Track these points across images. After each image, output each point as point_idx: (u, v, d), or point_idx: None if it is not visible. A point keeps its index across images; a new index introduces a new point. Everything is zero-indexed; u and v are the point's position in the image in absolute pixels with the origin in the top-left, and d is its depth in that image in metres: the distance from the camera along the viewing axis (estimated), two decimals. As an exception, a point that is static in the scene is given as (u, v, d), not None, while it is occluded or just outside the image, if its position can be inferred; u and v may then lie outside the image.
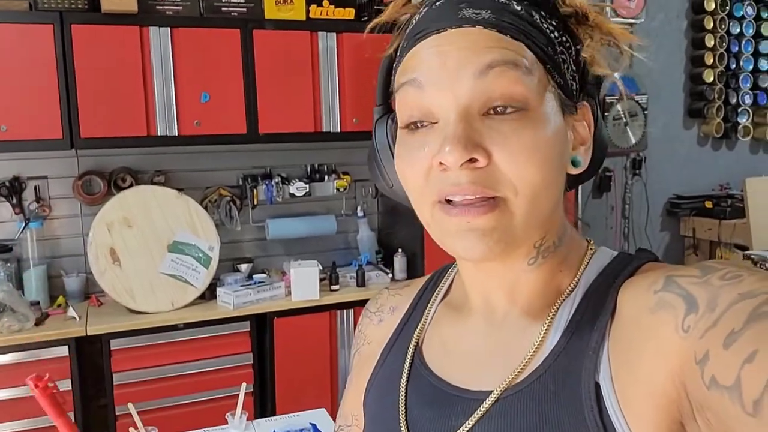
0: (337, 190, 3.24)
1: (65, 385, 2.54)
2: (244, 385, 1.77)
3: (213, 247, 2.85)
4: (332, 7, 3.03)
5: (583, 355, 0.55)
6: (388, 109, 0.66)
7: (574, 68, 0.59)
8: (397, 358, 0.70)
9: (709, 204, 4.01)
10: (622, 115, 3.90)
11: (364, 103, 3.07)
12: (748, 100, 4.22)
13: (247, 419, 1.73)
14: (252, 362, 2.83)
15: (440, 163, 0.53)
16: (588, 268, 0.61)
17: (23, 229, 2.85)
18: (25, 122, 2.61)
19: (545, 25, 0.57)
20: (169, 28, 2.76)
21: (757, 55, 4.22)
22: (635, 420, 0.50)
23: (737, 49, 4.17)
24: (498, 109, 0.53)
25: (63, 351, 2.55)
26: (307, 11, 2.97)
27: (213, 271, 2.84)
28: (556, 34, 0.57)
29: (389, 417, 0.66)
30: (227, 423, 1.72)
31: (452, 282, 0.73)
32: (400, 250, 3.17)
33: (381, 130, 0.66)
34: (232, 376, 2.77)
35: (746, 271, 0.48)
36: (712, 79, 4.14)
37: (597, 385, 0.53)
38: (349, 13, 3.05)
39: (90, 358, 2.72)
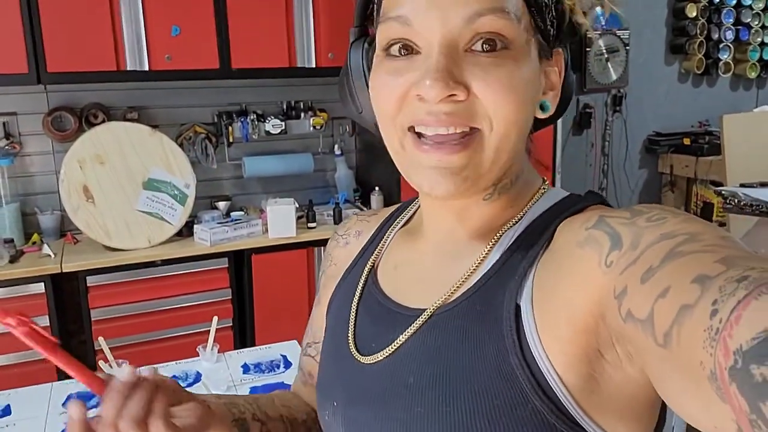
0: (314, 127, 3.21)
1: (43, 321, 2.56)
2: (215, 318, 1.80)
3: (189, 185, 2.83)
4: (306, -65, 2.92)
5: (510, 279, 0.58)
6: (365, 32, 0.65)
7: (554, 13, 0.59)
8: (354, 278, 0.74)
9: (687, 141, 4.03)
10: (604, 51, 3.86)
11: (340, 38, 3.01)
12: (730, 35, 4.19)
13: (220, 351, 1.76)
14: (230, 298, 2.86)
15: (418, 94, 0.54)
16: (535, 205, 0.63)
17: (-7, 166, 2.80)
18: (-10, 56, 2.54)
19: None
20: (135, -43, 2.66)
21: (741, -11, 4.16)
22: (550, 342, 0.53)
23: (721, -18, 4.10)
24: (484, 46, 0.53)
25: (39, 288, 2.55)
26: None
27: (189, 208, 2.83)
28: None
29: (341, 330, 0.71)
30: (199, 356, 1.75)
31: (416, 211, 0.76)
32: (377, 188, 3.17)
33: (356, 53, 0.65)
34: (209, 312, 2.77)
35: (671, 213, 0.50)
36: (695, 14, 4.08)
37: (518, 307, 0.55)
38: (323, -57, 2.95)
39: (67, 294, 2.73)
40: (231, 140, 3.10)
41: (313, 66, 3.00)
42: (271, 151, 3.27)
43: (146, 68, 2.74)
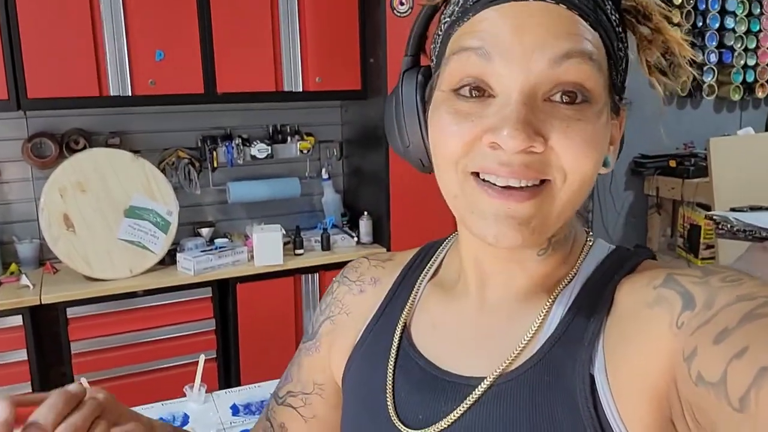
0: (301, 151, 3.16)
1: (20, 355, 2.46)
2: (202, 357, 1.73)
3: (171, 212, 2.76)
4: (292, -40, 2.89)
5: (578, 346, 0.54)
6: (417, 62, 0.62)
7: (624, 67, 0.57)
8: (383, 338, 0.68)
9: (673, 163, 4.03)
10: (589, 74, 3.86)
11: (327, 62, 2.97)
12: (713, 58, 4.22)
13: (207, 391, 1.69)
14: (214, 329, 2.79)
15: (493, 142, 0.50)
16: (586, 261, 0.60)
17: (-30, 194, 2.71)
18: (-33, 82, 2.46)
19: (613, 17, 0.54)
20: (118, -19, 2.60)
21: (723, 13, 4.20)
22: (628, 413, 0.50)
23: (704, 6, 4.14)
24: (564, 98, 0.50)
25: (17, 321, 2.46)
26: (266, -35, 2.84)
27: (172, 236, 2.76)
28: (620, 29, 0.55)
29: (376, 399, 0.65)
30: (186, 395, 1.68)
31: (442, 261, 0.71)
32: (365, 212, 3.12)
33: (409, 84, 0.60)
34: (193, 343, 2.73)
35: (747, 275, 0.48)
36: (684, 78, 4.11)
37: (591, 377, 0.52)
38: (310, -33, 2.92)
39: (46, 327, 2.63)
40: (215, 165, 3.04)
41: (300, 90, 2.96)
42: (256, 176, 3.21)
43: (129, 93, 2.67)
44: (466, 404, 0.57)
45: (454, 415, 0.58)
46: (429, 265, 0.71)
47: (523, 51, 0.49)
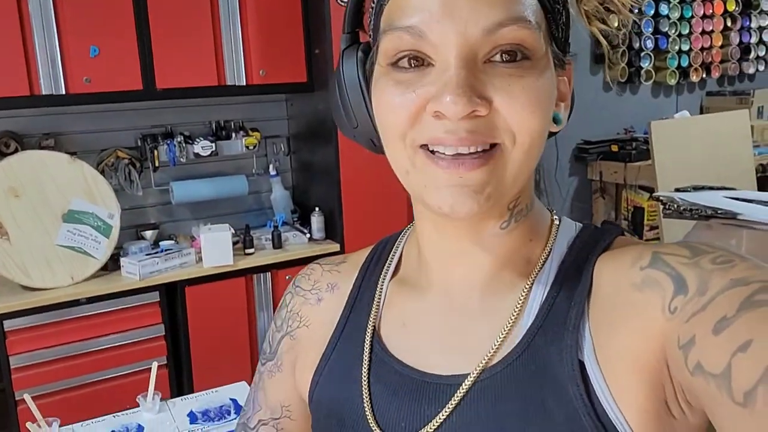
0: (247, 147, 3.07)
1: (-46, 373, 2.31)
2: (155, 364, 1.65)
3: (113, 215, 2.64)
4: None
5: (562, 332, 0.53)
6: (356, 38, 0.59)
7: (564, 19, 0.55)
8: (351, 346, 0.64)
9: (615, 148, 4.11)
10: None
11: (271, 53, 2.89)
12: (650, 44, 4.32)
13: (161, 398, 1.62)
14: (164, 334, 2.68)
15: (436, 111, 0.49)
16: (558, 240, 0.59)
17: None
18: None
19: None
20: (45, -27, 2.46)
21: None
22: (622, 396, 0.49)
23: (639, -7, 4.23)
24: (504, 56, 0.49)
25: (-52, 337, 2.31)
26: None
27: (115, 240, 2.64)
28: None
29: (352, 411, 0.61)
30: (139, 406, 1.60)
31: (401, 256, 0.68)
32: (317, 208, 3.06)
33: (349, 62, 0.58)
34: (142, 350, 2.62)
35: (737, 256, 0.47)
36: (616, 24, 4.19)
37: (581, 364, 0.51)
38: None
39: (-18, 342, 2.48)
40: (157, 164, 2.92)
41: (244, 84, 2.87)
42: (201, 174, 3.11)
43: (63, 92, 2.54)
44: (451, 405, 0.55)
45: (439, 418, 0.55)
46: (388, 262, 0.68)
47: (455, 24, 0.48)
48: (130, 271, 2.63)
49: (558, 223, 0.61)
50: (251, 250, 2.89)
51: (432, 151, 0.51)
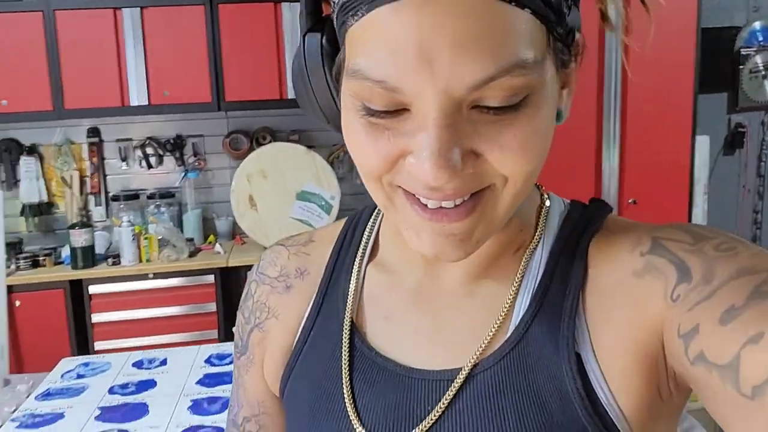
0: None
1: (211, 307, 3.07)
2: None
3: (334, 197, 3.23)
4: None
5: (557, 323, 0.50)
6: (319, 18, 0.49)
7: (567, 13, 0.45)
8: (326, 338, 0.59)
9: None
10: (761, 68, 3.69)
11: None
12: None
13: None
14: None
15: (416, 174, 0.42)
16: (548, 224, 0.55)
17: (183, 178, 3.42)
18: (183, 88, 3.14)
19: None
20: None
21: None
22: (619, 388, 0.47)
23: None
24: (492, 103, 0.41)
25: (210, 278, 3.08)
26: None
27: (334, 217, 3.23)
28: None
29: (332, 410, 0.55)
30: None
31: (377, 234, 0.62)
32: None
33: (312, 48, 0.49)
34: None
35: (739, 242, 0.45)
36: None
37: (578, 356, 0.48)
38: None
39: (233, 285, 3.23)
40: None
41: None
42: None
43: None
44: (444, 402, 0.51)
45: (432, 417, 0.51)
46: (363, 243, 0.61)
47: (434, 80, 0.39)
48: (343, 243, 3.19)
49: (548, 204, 0.56)
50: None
51: (414, 194, 0.45)
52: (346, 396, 0.55)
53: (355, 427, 0.53)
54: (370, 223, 0.62)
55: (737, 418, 0.39)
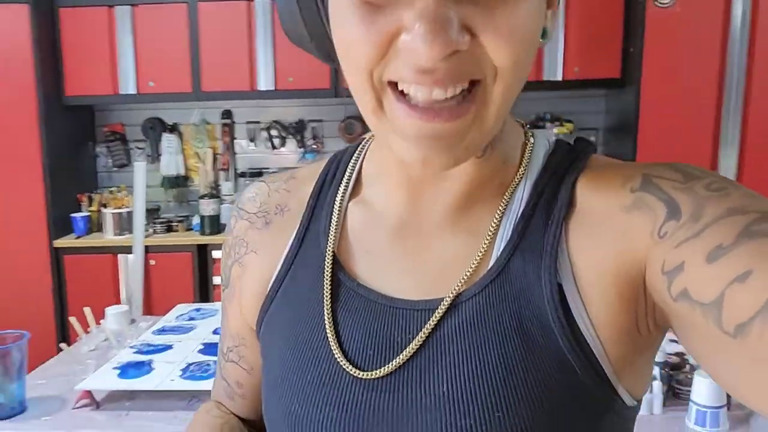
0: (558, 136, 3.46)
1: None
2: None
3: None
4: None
5: (539, 253, 0.50)
6: None
7: None
8: (307, 273, 0.58)
9: None
10: None
11: (588, 50, 3.24)
12: None
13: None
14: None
15: (409, 49, 0.41)
16: (532, 160, 0.55)
17: (302, 159, 3.69)
18: (306, 76, 3.37)
19: None
20: None
21: None
22: (599, 318, 0.48)
23: None
24: None
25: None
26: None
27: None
28: None
29: (312, 342, 0.55)
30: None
31: (359, 171, 0.62)
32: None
33: None
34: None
35: (729, 182, 0.45)
36: None
37: (559, 286, 0.49)
38: (577, -32, 3.22)
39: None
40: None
41: (560, 79, 3.28)
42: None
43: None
44: (426, 332, 0.51)
45: (414, 346, 0.51)
46: (345, 179, 0.61)
47: None
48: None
49: (532, 141, 0.56)
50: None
51: (402, 92, 0.44)
52: (327, 325, 0.55)
53: (335, 354, 0.53)
54: (352, 161, 0.62)
55: (718, 356, 0.40)
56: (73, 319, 1.95)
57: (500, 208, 0.53)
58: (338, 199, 0.60)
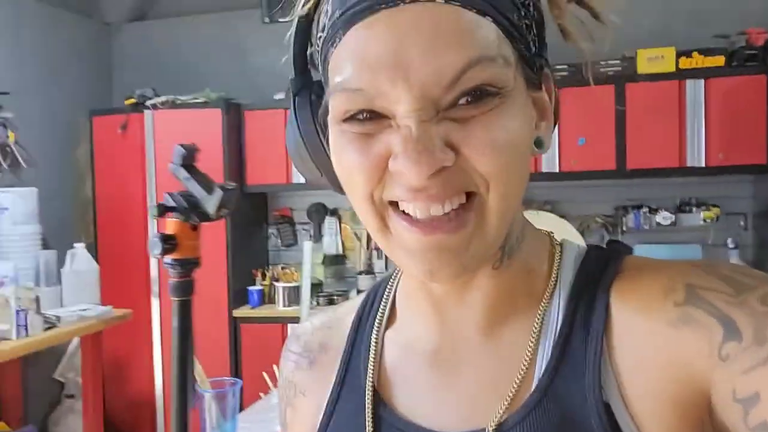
0: (704, 220, 3.51)
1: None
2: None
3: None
4: (701, 57, 3.37)
5: (582, 372, 0.49)
6: (308, 79, 0.54)
7: (535, 31, 0.49)
8: (351, 409, 0.59)
9: None
10: None
11: (732, 137, 3.31)
12: None
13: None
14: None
15: (398, 172, 0.45)
16: (562, 268, 0.54)
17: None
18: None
19: None
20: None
21: None
22: None
23: None
24: (468, 99, 0.44)
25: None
26: (677, 63, 3.38)
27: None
28: None
29: None
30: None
31: (393, 301, 0.62)
32: None
33: (303, 109, 0.53)
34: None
35: None
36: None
37: (607, 406, 0.47)
38: (718, 61, 3.35)
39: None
40: (624, 229, 3.65)
41: (703, 165, 3.36)
42: (660, 241, 3.70)
43: (557, 170, 3.55)
44: None
45: None
46: (380, 310, 0.62)
47: (410, 84, 0.43)
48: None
49: (560, 247, 0.56)
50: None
51: (403, 211, 0.46)
52: None
53: None
54: (387, 291, 0.63)
55: None
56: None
57: (536, 323, 0.52)
58: (374, 330, 0.61)
